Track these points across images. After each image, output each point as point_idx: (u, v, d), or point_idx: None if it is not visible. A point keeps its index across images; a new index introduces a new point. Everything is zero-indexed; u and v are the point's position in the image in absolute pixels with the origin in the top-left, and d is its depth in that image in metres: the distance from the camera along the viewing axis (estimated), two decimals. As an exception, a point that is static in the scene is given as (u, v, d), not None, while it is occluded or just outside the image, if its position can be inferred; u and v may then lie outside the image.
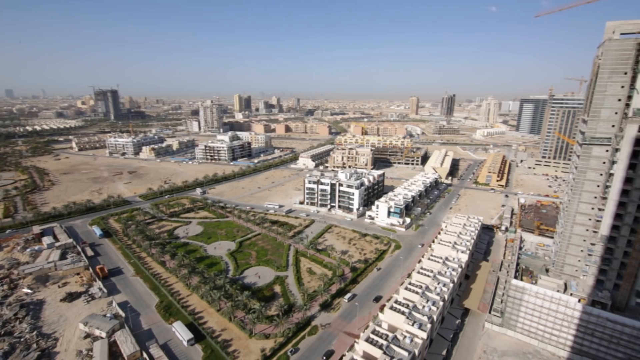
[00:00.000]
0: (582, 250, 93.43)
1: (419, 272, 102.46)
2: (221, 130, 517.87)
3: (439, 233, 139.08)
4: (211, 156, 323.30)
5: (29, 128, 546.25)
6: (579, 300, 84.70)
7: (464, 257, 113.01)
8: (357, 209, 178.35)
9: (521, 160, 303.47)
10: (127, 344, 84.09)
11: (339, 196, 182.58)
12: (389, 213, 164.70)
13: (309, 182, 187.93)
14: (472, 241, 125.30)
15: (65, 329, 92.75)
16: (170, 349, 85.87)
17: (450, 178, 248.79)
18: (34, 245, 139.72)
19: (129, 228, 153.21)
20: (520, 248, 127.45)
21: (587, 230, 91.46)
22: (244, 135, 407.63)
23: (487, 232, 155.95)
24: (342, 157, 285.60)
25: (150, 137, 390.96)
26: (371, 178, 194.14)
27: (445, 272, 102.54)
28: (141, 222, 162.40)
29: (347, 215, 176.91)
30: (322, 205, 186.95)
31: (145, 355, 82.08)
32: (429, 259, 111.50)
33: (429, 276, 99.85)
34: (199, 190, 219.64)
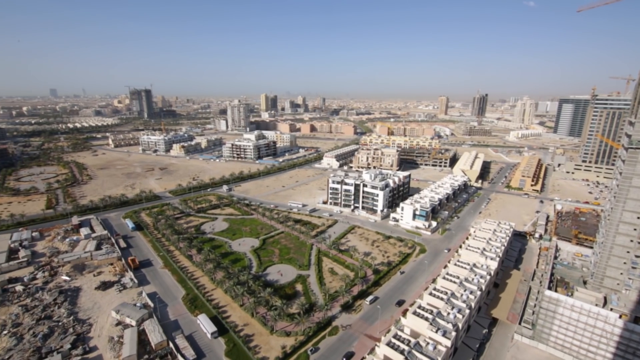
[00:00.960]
0: (625, 263, 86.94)
1: (444, 278, 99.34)
2: (247, 129, 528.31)
3: (467, 238, 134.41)
4: (237, 154, 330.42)
5: (70, 125, 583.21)
6: (620, 316, 78.83)
7: (493, 265, 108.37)
8: (381, 211, 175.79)
9: (559, 164, 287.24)
10: (154, 333, 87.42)
11: (363, 197, 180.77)
12: (415, 216, 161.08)
13: (333, 182, 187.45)
14: (503, 248, 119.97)
15: (99, 316, 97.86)
16: (195, 341, 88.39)
17: (480, 181, 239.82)
18: (73, 236, 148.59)
19: (159, 222, 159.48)
20: (556, 257, 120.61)
21: (632, 241, 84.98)
22: (270, 135, 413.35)
23: (519, 239, 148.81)
24: (367, 158, 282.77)
25: (181, 135, 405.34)
26: (396, 179, 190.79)
27: (473, 279, 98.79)
28: (170, 216, 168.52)
29: (371, 217, 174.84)
30: (345, 206, 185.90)
31: (171, 345, 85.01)
32: (455, 264, 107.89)
33: (455, 282, 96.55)
34: (225, 188, 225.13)
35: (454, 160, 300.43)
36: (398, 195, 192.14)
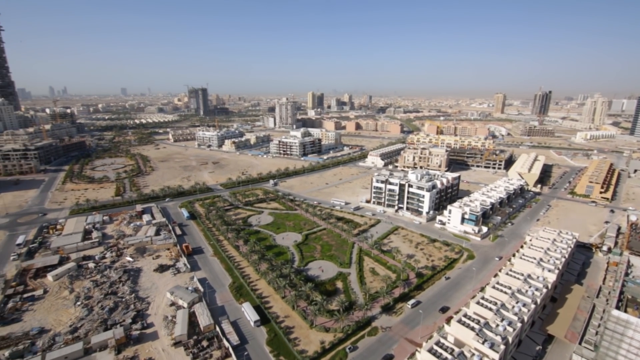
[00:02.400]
0: None
1: (494, 287, 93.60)
2: (294, 126, 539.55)
3: (522, 247, 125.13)
4: (284, 151, 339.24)
5: (137, 121, 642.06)
6: None
7: (551, 277, 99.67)
8: (427, 213, 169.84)
9: (635, 170, 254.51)
10: (203, 316, 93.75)
11: (408, 197, 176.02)
12: (463, 219, 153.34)
13: (377, 180, 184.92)
14: (563, 259, 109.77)
15: (156, 296, 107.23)
16: (239, 327, 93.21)
17: (539, 186, 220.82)
18: (137, 221, 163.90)
19: (210, 213, 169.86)
20: (627, 274, 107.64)
21: None
22: (315, 132, 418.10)
23: (583, 252, 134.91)
24: (414, 157, 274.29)
25: (232, 131, 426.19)
26: (444, 180, 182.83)
27: (527, 291, 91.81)
28: (221, 208, 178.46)
29: (416, 218, 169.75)
30: (389, 206, 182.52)
31: (217, 328, 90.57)
32: (507, 274, 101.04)
33: (506, 293, 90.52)
34: (271, 183, 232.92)
35: (509, 162, 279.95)
36: (446, 197, 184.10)
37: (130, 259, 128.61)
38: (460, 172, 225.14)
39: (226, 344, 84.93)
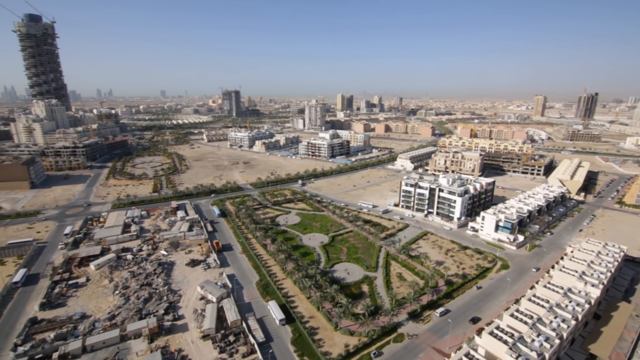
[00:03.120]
0: None
1: (530, 300, 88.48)
2: (323, 128, 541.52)
3: (562, 258, 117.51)
4: (312, 152, 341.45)
5: (174, 122, 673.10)
6: None
7: (595, 292, 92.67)
8: (458, 218, 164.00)
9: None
10: (231, 311, 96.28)
11: (438, 202, 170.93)
12: (497, 227, 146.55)
13: (406, 184, 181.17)
14: (609, 274, 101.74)
15: (187, 289, 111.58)
16: (265, 324, 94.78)
17: (583, 194, 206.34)
18: (171, 217, 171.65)
19: (240, 211, 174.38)
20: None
21: None
22: (344, 134, 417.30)
23: (631, 266, 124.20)
24: (445, 161, 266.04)
25: (262, 132, 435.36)
26: (478, 186, 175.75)
27: (567, 306, 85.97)
28: (250, 207, 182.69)
29: (446, 224, 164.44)
30: (418, 210, 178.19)
31: (244, 324, 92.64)
32: (545, 286, 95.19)
33: (543, 307, 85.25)
34: (300, 183, 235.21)
35: (549, 168, 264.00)
36: (479, 203, 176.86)
37: (165, 253, 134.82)
38: (495, 178, 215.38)
39: (252, 340, 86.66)
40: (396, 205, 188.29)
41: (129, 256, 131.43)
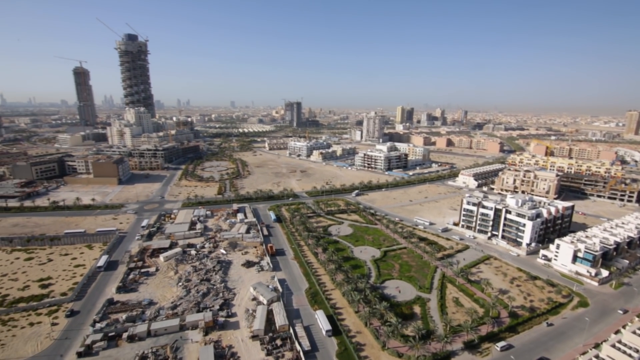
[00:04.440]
0: None
1: (614, 347, 76.26)
2: (380, 140, 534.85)
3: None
4: (368, 164, 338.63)
5: (240, 130, 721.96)
6: None
7: None
8: (528, 244, 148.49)
9: None
10: (280, 315, 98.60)
11: (505, 225, 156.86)
12: (575, 258, 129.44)
13: (468, 202, 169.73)
14: None
15: (241, 289, 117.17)
16: (311, 333, 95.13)
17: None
18: (232, 218, 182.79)
19: (294, 218, 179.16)
20: None
21: None
22: (402, 147, 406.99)
23: None
24: (515, 180, 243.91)
25: (320, 143, 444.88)
26: (552, 209, 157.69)
27: (665, 360, 72.17)
28: (304, 214, 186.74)
29: (513, 249, 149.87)
30: (480, 232, 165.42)
31: (291, 330, 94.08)
32: (635, 332, 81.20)
33: (631, 357, 72.71)
34: (354, 194, 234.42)
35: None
36: (553, 229, 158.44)
37: (224, 252, 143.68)
38: (574, 202, 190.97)
39: (298, 347, 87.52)
40: (456, 224, 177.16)
41: (193, 252, 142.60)
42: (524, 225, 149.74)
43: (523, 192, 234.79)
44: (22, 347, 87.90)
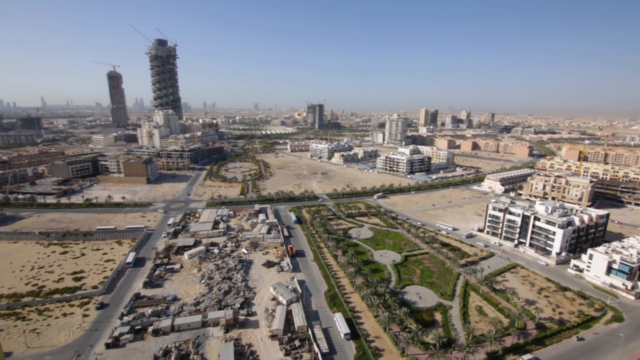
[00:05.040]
0: None
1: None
2: (403, 143, 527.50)
3: None
4: (390, 167, 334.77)
5: (263, 132, 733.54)
6: None
7: None
8: (558, 254, 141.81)
9: None
10: (299, 316, 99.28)
11: (533, 232, 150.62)
12: (610, 269, 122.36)
13: (494, 208, 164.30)
14: None
15: (261, 288, 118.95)
16: (329, 335, 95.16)
17: None
18: (253, 219, 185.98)
19: (314, 220, 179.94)
20: None
21: None
22: (425, 150, 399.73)
23: None
24: (545, 186, 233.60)
25: (342, 145, 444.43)
26: (585, 218, 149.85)
27: None
28: (324, 216, 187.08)
29: (541, 258, 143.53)
30: (507, 239, 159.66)
31: (310, 332, 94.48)
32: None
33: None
34: (376, 196, 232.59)
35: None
36: (586, 238, 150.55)
37: (245, 251, 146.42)
38: (609, 210, 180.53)
39: (316, 349, 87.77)
40: (480, 230, 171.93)
41: (216, 250, 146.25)
42: (554, 233, 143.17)
43: (553, 198, 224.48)
44: (55, 336, 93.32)
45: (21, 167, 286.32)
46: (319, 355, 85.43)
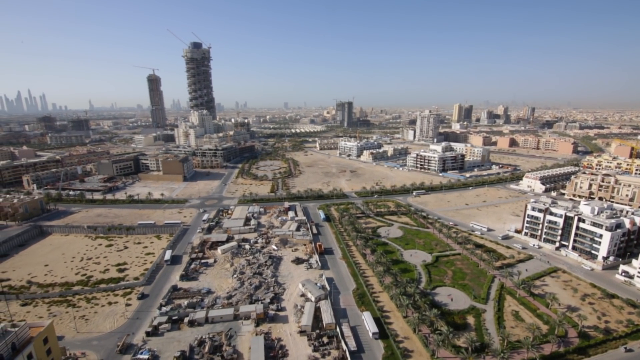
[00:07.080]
0: None
1: None
2: (435, 140, 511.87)
3: None
4: (421, 165, 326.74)
5: (293, 130, 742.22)
6: None
7: None
8: (605, 258, 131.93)
9: None
10: (327, 313, 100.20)
11: (577, 234, 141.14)
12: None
13: (533, 208, 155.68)
14: None
15: (290, 284, 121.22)
16: (358, 334, 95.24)
17: None
18: (283, 216, 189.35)
19: (343, 218, 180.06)
20: None
21: None
22: (459, 147, 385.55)
23: None
24: (591, 185, 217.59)
25: (371, 143, 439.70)
26: (637, 220, 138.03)
27: None
28: (353, 215, 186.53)
29: (586, 262, 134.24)
30: (547, 241, 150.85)
31: (338, 329, 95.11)
32: None
33: None
34: (415, 194, 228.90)
35: None
36: (638, 242, 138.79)
37: (275, 248, 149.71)
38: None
39: (344, 346, 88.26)
40: (518, 231, 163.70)
41: (247, 246, 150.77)
42: (601, 236, 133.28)
43: (600, 198, 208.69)
44: (101, 323, 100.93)
45: (72, 166, 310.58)
46: (347, 353, 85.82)
